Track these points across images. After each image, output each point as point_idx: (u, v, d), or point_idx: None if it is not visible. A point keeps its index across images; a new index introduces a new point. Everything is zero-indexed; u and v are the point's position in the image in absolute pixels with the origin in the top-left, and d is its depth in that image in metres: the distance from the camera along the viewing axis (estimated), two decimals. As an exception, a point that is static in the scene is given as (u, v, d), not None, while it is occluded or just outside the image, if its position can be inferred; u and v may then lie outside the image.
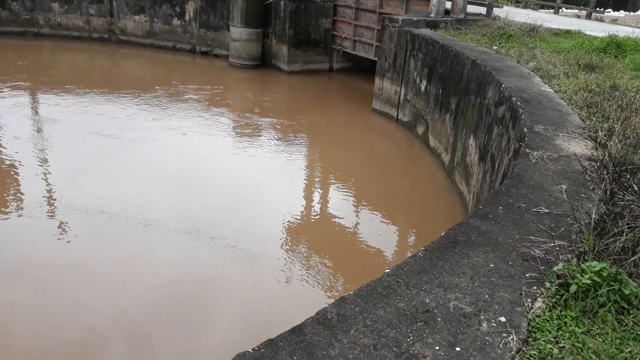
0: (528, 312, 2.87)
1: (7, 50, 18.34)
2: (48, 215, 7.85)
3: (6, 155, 9.82)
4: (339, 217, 8.67)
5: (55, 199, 8.30)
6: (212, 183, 9.43)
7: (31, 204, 8.08)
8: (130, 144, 10.82)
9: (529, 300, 2.97)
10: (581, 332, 2.74)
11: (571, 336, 2.72)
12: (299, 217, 8.53)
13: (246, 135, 12.10)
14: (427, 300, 2.90)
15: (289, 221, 8.31)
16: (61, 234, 7.42)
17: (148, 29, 19.88)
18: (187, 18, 19.28)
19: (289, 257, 7.34)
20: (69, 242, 7.28)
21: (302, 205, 9.07)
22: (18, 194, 8.42)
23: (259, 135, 12.17)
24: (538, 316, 2.85)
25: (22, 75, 15.44)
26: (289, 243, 7.72)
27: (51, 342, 5.47)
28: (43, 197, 8.36)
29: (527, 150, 5.26)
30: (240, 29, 17.28)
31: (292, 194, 9.47)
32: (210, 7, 18.75)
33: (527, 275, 3.21)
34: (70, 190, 8.55)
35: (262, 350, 2.47)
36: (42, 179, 9.03)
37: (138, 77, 16.60)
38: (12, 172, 9.18)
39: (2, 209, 7.94)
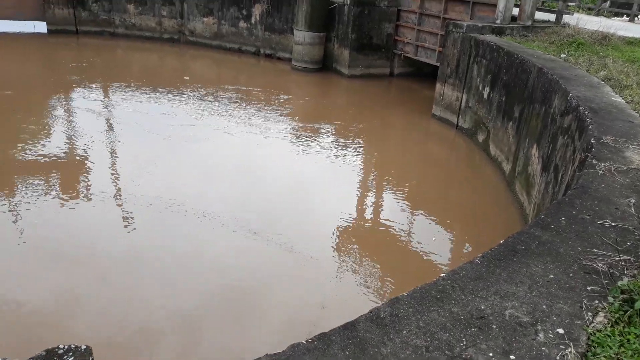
0: (588, 326, 2.79)
1: (85, 48, 19.47)
2: (112, 207, 8.26)
3: (76, 148, 10.43)
4: (393, 222, 8.64)
5: (120, 192, 8.73)
6: (270, 183, 9.63)
7: (97, 195, 8.54)
8: (193, 142, 11.22)
9: (590, 314, 2.89)
10: (645, 350, 2.64)
11: (634, 354, 2.62)
12: (353, 220, 8.58)
13: (305, 137, 12.27)
14: (482, 307, 2.88)
15: (343, 223, 8.37)
16: (124, 225, 7.80)
17: (215, 30, 20.54)
18: (253, 21, 19.77)
19: (343, 260, 7.39)
20: (129, 232, 7.63)
21: (357, 208, 9.11)
22: (85, 186, 8.92)
23: (318, 138, 12.31)
24: (599, 331, 2.76)
25: (97, 72, 16.34)
26: (343, 245, 7.77)
27: (108, 330, 5.71)
28: (109, 189, 8.81)
29: (594, 161, 5.08)
30: (303, 32, 17.54)
31: (348, 196, 9.53)
32: (276, 11, 19.14)
33: (589, 288, 3.12)
34: (135, 184, 8.98)
35: (316, 342, 2.54)
36: (109, 171, 9.52)
37: (205, 78, 17.17)
38: (81, 165, 9.73)
39: (71, 199, 8.43)
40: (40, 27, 20.54)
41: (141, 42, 20.89)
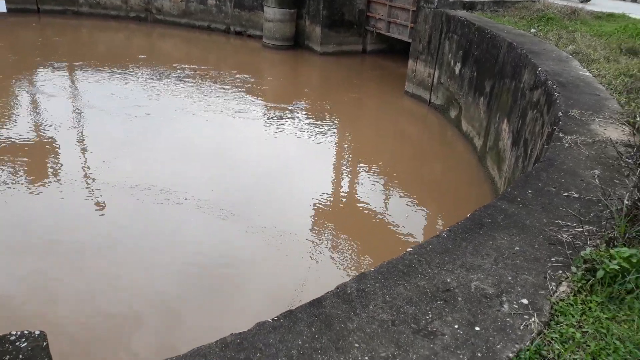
0: (552, 296, 2.82)
1: (47, 28, 18.81)
2: (83, 192, 8.07)
3: (44, 132, 10.13)
4: (367, 199, 8.66)
5: (90, 176, 8.53)
6: (243, 163, 9.53)
7: (67, 180, 8.33)
8: (164, 124, 11.01)
9: (554, 284, 2.92)
10: (606, 318, 2.69)
11: (595, 321, 2.67)
12: (328, 198, 8.56)
13: (278, 117, 12.14)
14: (448, 280, 2.89)
15: (318, 202, 8.35)
16: (95, 209, 7.63)
17: (184, 8, 20.04)
18: (222, -2, 19.34)
19: (317, 238, 7.39)
20: (102, 216, 7.48)
21: (332, 187, 9.09)
22: (55, 171, 8.69)
23: (291, 117, 12.19)
24: (562, 300, 2.80)
25: (61, 53, 15.82)
26: (318, 223, 7.76)
27: (85, 316, 5.62)
28: (78, 173, 8.60)
29: (561, 134, 5.13)
30: (274, 9, 17.23)
31: (321, 175, 9.50)
32: (245, -13, 18.75)
33: (553, 259, 3.15)
34: (105, 168, 8.77)
35: (282, 320, 2.52)
36: (78, 155, 9.28)
37: (173, 57, 16.79)
38: (50, 149, 9.46)
39: (39, 184, 8.21)
40: None
41: (106, 21, 20.25)
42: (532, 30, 11.08)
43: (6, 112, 10.93)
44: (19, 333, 1.92)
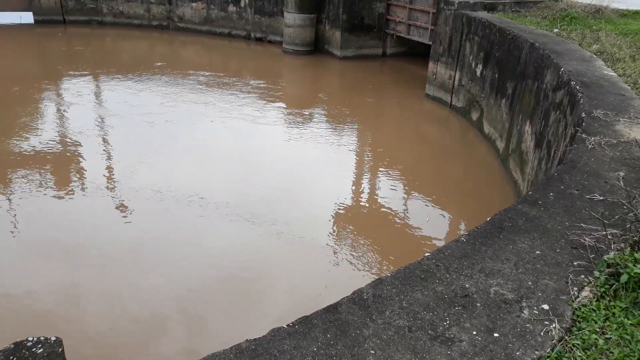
0: (573, 301, 2.76)
1: (73, 38, 19.22)
2: (109, 198, 8.19)
3: (69, 139, 10.34)
4: (387, 203, 8.60)
5: (114, 182, 8.67)
6: (266, 169, 9.56)
7: (93, 186, 8.47)
8: (184, 130, 11.13)
9: (576, 288, 2.86)
10: (630, 324, 2.61)
11: (619, 327, 2.60)
12: (348, 202, 8.54)
13: (299, 121, 12.17)
14: (466, 285, 2.85)
15: (339, 206, 8.33)
16: (122, 216, 7.74)
17: (205, 15, 20.27)
18: (242, 4, 19.50)
19: (337, 242, 7.36)
20: (126, 221, 7.59)
21: (351, 191, 9.06)
22: (81, 177, 8.85)
23: (312, 121, 12.21)
24: (584, 305, 2.73)
25: (84, 62, 16.14)
26: (339, 228, 7.74)
27: (109, 321, 5.69)
28: (104, 179, 8.75)
29: (584, 135, 5.03)
30: (294, 14, 17.31)
31: (341, 179, 9.47)
32: (265, -7, 18.89)
33: (575, 263, 3.08)
34: (131, 174, 8.90)
35: (297, 326, 2.51)
36: (104, 162, 9.44)
37: (195, 64, 16.99)
38: (76, 155, 9.65)
39: (66, 191, 8.37)
40: (27, 17, 20.24)
41: (130, 30, 20.60)
42: (555, 30, 10.89)
43: (31, 120, 11.20)
44: (35, 339, 1.95)
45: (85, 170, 9.06)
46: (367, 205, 8.74)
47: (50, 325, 5.59)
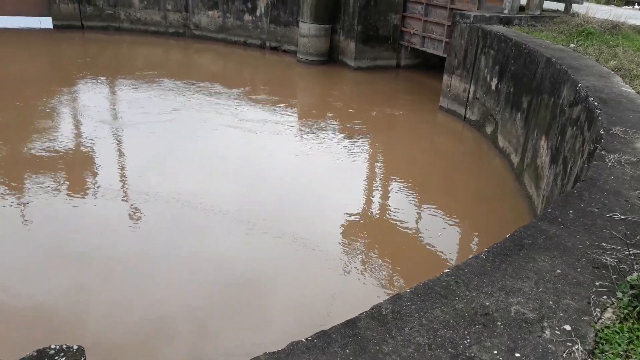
0: (596, 322, 2.71)
1: (90, 43, 19.46)
2: (119, 203, 8.24)
3: (83, 144, 10.42)
4: (399, 215, 8.57)
5: (124, 188, 8.71)
6: (278, 177, 9.58)
7: (104, 191, 8.52)
8: (199, 137, 11.18)
9: (598, 309, 2.81)
10: (655, 348, 2.56)
11: (643, 351, 2.55)
12: (359, 214, 8.51)
13: (312, 130, 12.19)
14: (487, 303, 2.81)
15: (349, 217, 8.31)
16: (130, 221, 7.78)
17: (221, 24, 20.45)
18: (258, 13, 19.65)
19: (347, 254, 7.33)
20: (136, 228, 7.62)
21: (363, 202, 9.04)
22: (92, 182, 8.90)
23: (324, 131, 12.22)
24: (607, 327, 2.69)
25: (100, 67, 16.32)
26: (349, 239, 7.71)
27: (118, 326, 5.70)
28: (116, 184, 8.80)
29: (603, 152, 4.98)
30: (309, 24, 17.40)
31: (353, 190, 9.45)
32: (281, 3, 19.01)
33: (597, 283, 3.03)
34: (142, 179, 8.96)
35: (315, 340, 2.49)
36: (116, 167, 9.51)
37: (209, 71, 17.11)
38: (87, 161, 9.72)
39: (77, 195, 8.42)
40: (46, 22, 20.54)
41: (146, 36, 20.83)
42: (572, 45, 10.85)
43: (45, 125, 11.31)
44: (57, 347, 1.95)
45: (96, 175, 9.12)
46: (378, 217, 8.70)
47: (61, 331, 5.61)
